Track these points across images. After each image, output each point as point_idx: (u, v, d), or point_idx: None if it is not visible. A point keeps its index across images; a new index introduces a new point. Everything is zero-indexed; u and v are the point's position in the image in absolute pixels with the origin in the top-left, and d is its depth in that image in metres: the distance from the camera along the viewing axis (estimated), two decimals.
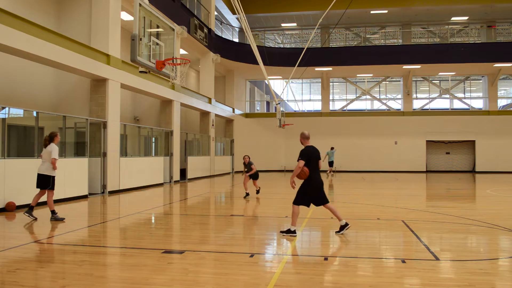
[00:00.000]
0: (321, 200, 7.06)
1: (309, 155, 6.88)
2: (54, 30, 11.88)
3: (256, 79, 32.48)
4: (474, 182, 20.95)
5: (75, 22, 14.23)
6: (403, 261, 5.44)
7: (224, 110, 27.04)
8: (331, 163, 24.01)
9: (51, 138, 8.67)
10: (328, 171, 23.86)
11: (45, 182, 8.61)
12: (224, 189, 16.83)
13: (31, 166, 10.49)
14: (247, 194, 12.88)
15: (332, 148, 24.45)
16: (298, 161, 6.82)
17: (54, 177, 8.68)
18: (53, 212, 8.61)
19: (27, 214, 8.52)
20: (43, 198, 8.84)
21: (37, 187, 8.64)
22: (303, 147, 7.11)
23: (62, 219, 8.54)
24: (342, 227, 7.12)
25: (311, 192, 6.95)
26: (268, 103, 38.46)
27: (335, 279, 4.73)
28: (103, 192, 13.67)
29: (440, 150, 29.35)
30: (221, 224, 8.66)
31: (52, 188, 8.70)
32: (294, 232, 6.93)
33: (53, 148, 8.55)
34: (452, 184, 19.45)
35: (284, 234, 6.99)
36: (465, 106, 30.36)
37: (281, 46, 34.26)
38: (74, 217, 9.66)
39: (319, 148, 7.29)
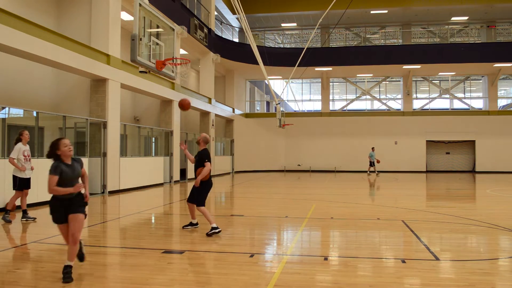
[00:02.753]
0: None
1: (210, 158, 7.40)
2: (54, 30, 11.88)
3: (256, 79, 32.48)
4: (474, 182, 20.95)
5: (75, 22, 14.23)
6: (403, 261, 5.44)
7: (224, 110, 27.03)
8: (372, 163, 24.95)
9: (17, 138, 8.53)
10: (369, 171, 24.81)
11: (13, 183, 8.53)
12: (224, 189, 16.82)
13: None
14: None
15: (373, 149, 25.28)
16: (206, 163, 7.15)
17: (20, 178, 8.48)
18: (6, 211, 8.40)
19: (24, 219, 8.49)
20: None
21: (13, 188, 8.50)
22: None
23: (9, 221, 8.34)
24: (213, 229, 7.12)
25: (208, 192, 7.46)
26: (268, 103, 38.45)
27: (335, 279, 4.73)
28: (103, 192, 13.67)
29: (440, 150, 29.35)
30: (221, 224, 8.66)
31: (19, 189, 8.51)
32: (217, 228, 7.08)
33: (15, 147, 8.42)
34: (452, 184, 19.45)
35: (210, 234, 7.03)
36: (465, 106, 30.35)
37: (281, 46, 34.26)
38: None
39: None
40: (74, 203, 4.68)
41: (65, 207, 4.65)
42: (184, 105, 7.53)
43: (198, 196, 7.33)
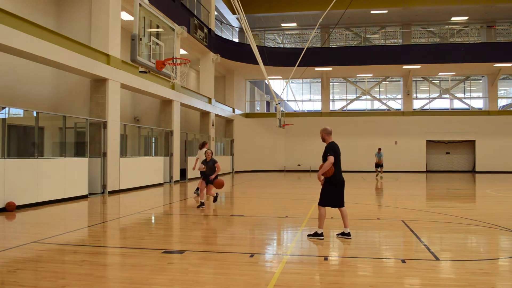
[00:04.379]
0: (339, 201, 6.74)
1: (336, 151, 6.59)
2: (54, 30, 11.88)
3: (256, 79, 32.47)
4: (474, 182, 20.95)
5: (75, 22, 14.23)
6: (403, 261, 5.44)
7: (224, 110, 27.03)
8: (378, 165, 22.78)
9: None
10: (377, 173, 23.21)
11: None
12: (224, 189, 16.82)
13: (31, 166, 10.51)
14: (202, 204, 10.61)
15: (379, 150, 23.13)
16: (328, 156, 6.47)
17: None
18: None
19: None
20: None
21: None
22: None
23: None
24: (344, 234, 6.82)
25: (335, 191, 6.67)
26: (268, 103, 38.45)
27: (335, 279, 4.73)
28: (103, 192, 13.67)
29: (440, 150, 29.35)
30: (221, 224, 8.66)
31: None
32: (321, 235, 6.72)
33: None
34: (452, 184, 19.45)
35: (311, 237, 6.78)
36: (465, 106, 30.36)
37: (281, 46, 34.25)
38: (74, 217, 9.66)
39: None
40: None
41: None
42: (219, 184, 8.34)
43: (321, 194, 6.72)
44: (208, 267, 5.33)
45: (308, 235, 6.88)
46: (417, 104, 30.57)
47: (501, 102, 30.54)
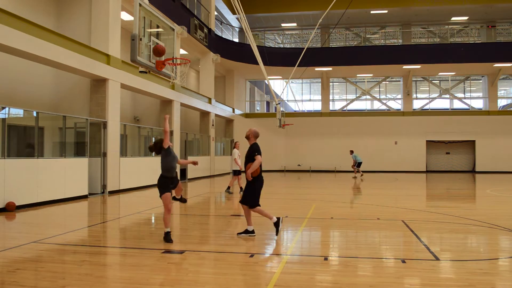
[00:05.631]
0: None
1: (260, 152, 6.96)
2: (54, 30, 11.88)
3: (256, 79, 32.48)
4: (474, 182, 20.95)
5: (75, 22, 14.23)
6: (403, 261, 5.44)
7: (224, 110, 27.03)
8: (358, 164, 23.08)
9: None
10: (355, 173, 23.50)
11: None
12: (224, 189, 16.81)
13: (31, 166, 10.51)
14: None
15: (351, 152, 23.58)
16: (256, 156, 6.80)
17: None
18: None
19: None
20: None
21: None
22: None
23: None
24: (247, 231, 7.03)
25: (260, 190, 7.02)
26: (268, 103, 38.45)
27: (335, 279, 4.73)
28: (103, 192, 13.66)
29: (440, 150, 29.35)
30: (221, 224, 8.66)
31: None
32: (253, 231, 6.97)
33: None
34: (452, 184, 19.45)
35: (241, 235, 6.98)
36: (465, 106, 30.35)
37: (281, 46, 34.25)
38: (74, 217, 9.66)
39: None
40: None
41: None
42: (158, 51, 7.45)
43: (251, 197, 6.92)
44: (208, 267, 5.33)
45: (238, 233, 7.07)
46: (417, 104, 30.58)
47: (501, 102, 30.55)
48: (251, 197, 6.93)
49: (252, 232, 7.01)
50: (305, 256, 5.84)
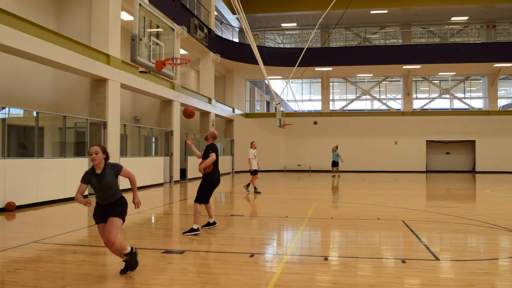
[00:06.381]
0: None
1: (217, 152, 7.32)
2: (54, 30, 11.88)
3: (256, 79, 32.47)
4: (474, 182, 20.95)
5: (75, 22, 14.23)
6: (403, 261, 5.44)
7: (224, 110, 27.03)
8: (334, 163, 23.76)
9: None
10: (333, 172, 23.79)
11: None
12: (224, 189, 16.81)
13: (31, 166, 10.51)
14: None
15: (335, 149, 24.05)
16: (210, 153, 7.16)
17: None
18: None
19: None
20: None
21: None
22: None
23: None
24: (209, 224, 7.53)
25: (211, 189, 7.33)
26: (268, 103, 38.45)
27: (335, 279, 4.73)
28: None
29: (440, 150, 29.35)
30: (221, 224, 8.66)
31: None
32: (198, 229, 7.10)
33: None
34: (452, 184, 19.45)
35: (187, 234, 7.05)
36: (465, 106, 30.35)
37: (281, 46, 34.25)
38: (74, 217, 9.66)
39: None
40: (112, 208, 4.75)
41: (103, 212, 4.77)
42: (188, 113, 7.61)
43: (199, 192, 7.25)
44: (208, 267, 5.33)
45: (184, 233, 7.14)
46: (417, 104, 30.57)
47: (501, 102, 30.54)
48: (201, 192, 7.24)
49: (214, 223, 7.55)
50: (305, 256, 5.84)
